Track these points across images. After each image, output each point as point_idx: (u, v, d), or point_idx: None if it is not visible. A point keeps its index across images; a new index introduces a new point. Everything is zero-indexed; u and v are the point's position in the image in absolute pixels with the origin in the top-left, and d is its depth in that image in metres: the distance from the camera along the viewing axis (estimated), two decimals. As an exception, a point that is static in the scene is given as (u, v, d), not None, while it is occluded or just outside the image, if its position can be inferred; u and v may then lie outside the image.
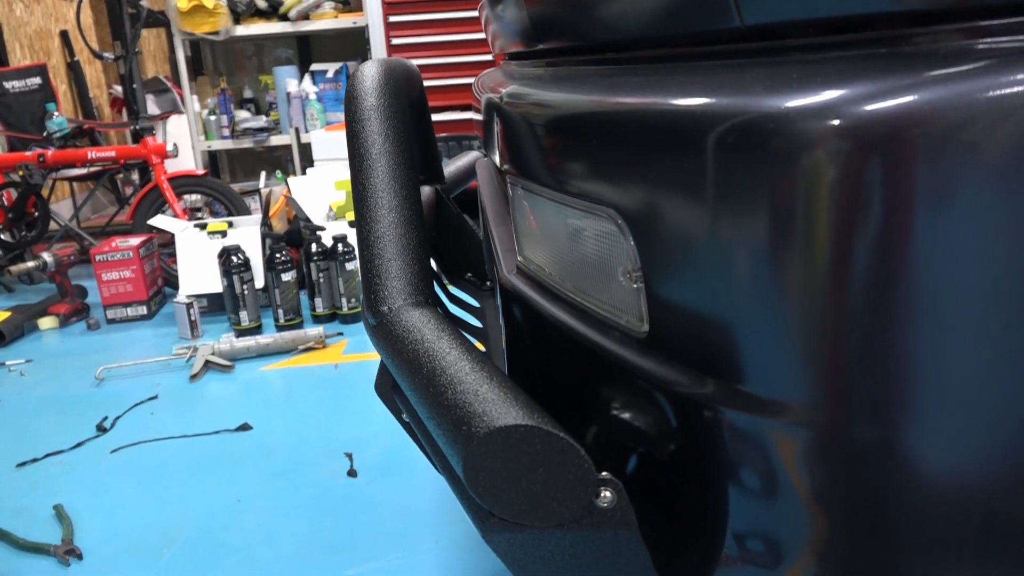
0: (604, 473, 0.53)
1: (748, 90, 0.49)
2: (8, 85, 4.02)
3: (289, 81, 4.17)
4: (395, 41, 3.88)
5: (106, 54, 3.30)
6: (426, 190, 1.49)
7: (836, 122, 0.45)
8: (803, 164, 0.46)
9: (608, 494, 0.53)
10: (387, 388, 0.86)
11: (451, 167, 1.70)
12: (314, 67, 4.27)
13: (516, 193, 0.79)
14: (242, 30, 4.07)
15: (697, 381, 0.55)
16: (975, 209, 0.44)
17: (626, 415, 0.64)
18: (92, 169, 3.59)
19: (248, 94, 4.57)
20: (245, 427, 2.05)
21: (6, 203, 3.31)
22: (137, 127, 3.31)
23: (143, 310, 3.02)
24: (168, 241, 3.27)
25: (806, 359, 0.49)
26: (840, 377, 0.48)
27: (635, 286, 0.58)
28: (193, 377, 2.41)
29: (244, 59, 5.05)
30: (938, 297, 0.46)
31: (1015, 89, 0.43)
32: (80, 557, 1.53)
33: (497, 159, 0.90)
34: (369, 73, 0.96)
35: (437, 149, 1.50)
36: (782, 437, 0.51)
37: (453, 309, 2.39)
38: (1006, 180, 0.44)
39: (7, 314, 2.96)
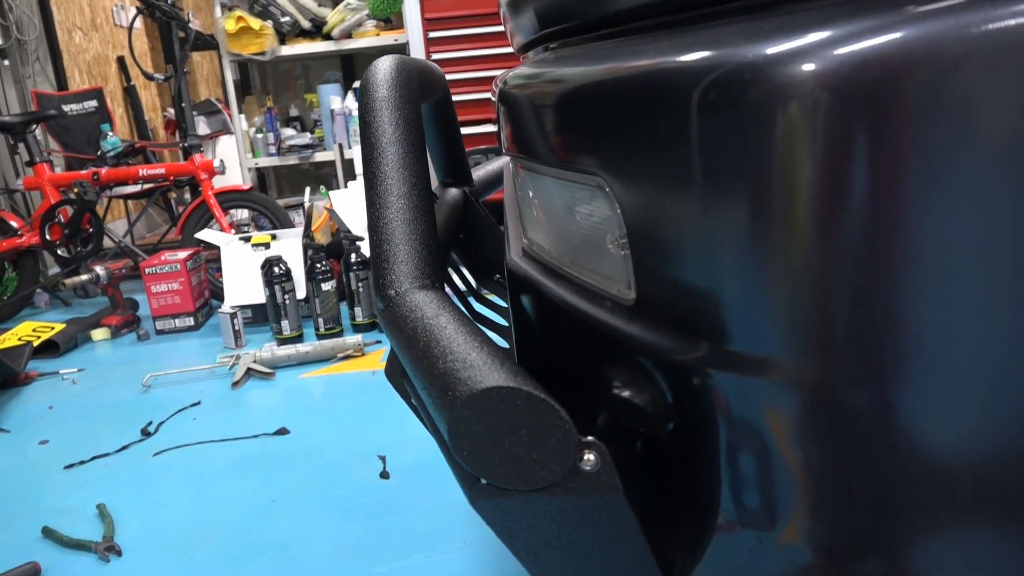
0: (588, 437, 0.53)
1: (722, 44, 0.48)
2: (67, 108, 4.19)
3: (333, 99, 4.25)
4: (435, 56, 3.93)
5: (157, 75, 3.42)
6: (454, 192, 1.50)
7: (812, 66, 0.45)
8: (781, 111, 0.46)
9: (591, 457, 0.52)
10: (397, 373, 0.87)
11: (481, 171, 1.71)
12: (357, 84, 4.35)
13: (518, 174, 0.80)
14: (287, 50, 4.17)
15: (685, 345, 0.54)
16: (958, 153, 0.43)
17: (621, 387, 0.63)
18: (145, 187, 3.71)
19: (294, 112, 4.68)
20: (283, 431, 2.09)
21: (63, 220, 3.43)
22: (186, 144, 3.41)
23: (190, 321, 3.10)
24: (216, 256, 3.36)
25: (792, 315, 0.48)
26: (826, 332, 0.47)
27: (622, 253, 0.58)
28: (235, 384, 2.46)
29: (291, 79, 5.17)
30: (925, 249, 0.45)
31: (997, 25, 0.42)
32: (119, 553, 1.57)
33: (504, 145, 0.90)
34: (382, 66, 0.98)
35: (464, 152, 1.51)
36: (771, 397, 0.50)
37: (482, 310, 2.40)
38: (995, 120, 0.43)
39: (62, 326, 3.07)
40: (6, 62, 4.53)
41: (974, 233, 0.44)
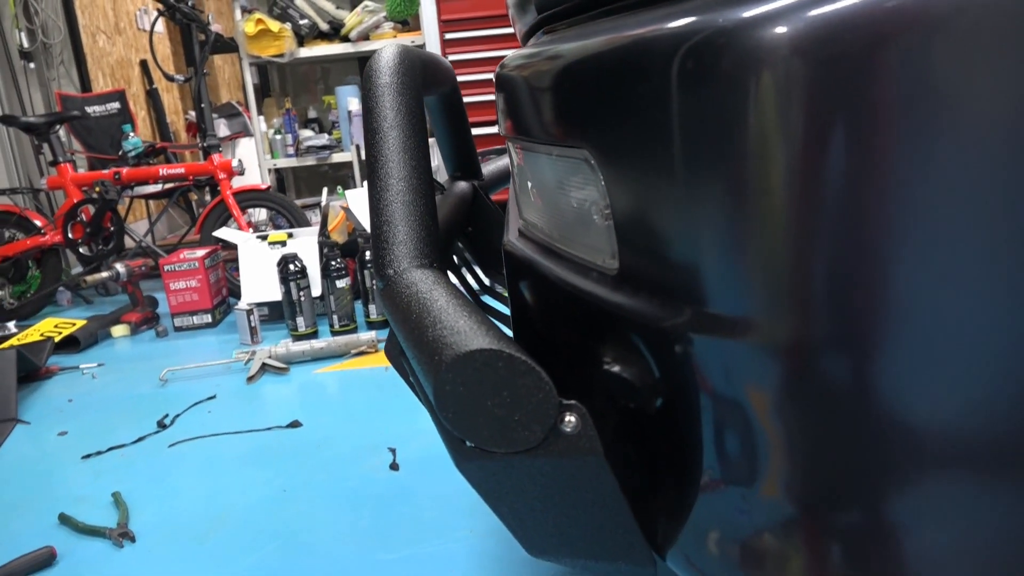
0: (570, 400, 0.54)
1: (699, 12, 0.50)
2: (90, 109, 4.26)
3: (350, 100, 4.29)
4: (452, 57, 3.96)
5: (177, 76, 3.48)
6: (462, 185, 1.52)
7: (785, 29, 0.46)
8: (755, 75, 0.47)
9: (572, 419, 0.54)
10: (395, 352, 0.88)
11: (491, 166, 1.73)
12: (374, 86, 4.39)
13: (516, 155, 0.81)
14: (306, 52, 4.22)
15: (667, 311, 0.55)
16: (935, 115, 0.44)
17: (607, 356, 0.65)
18: (166, 187, 3.77)
19: (312, 114, 4.73)
20: (295, 424, 2.11)
21: (85, 219, 3.49)
22: (205, 145, 3.46)
23: (208, 318, 3.14)
24: (234, 256, 3.40)
25: (770, 276, 0.49)
26: (804, 293, 0.49)
27: (606, 224, 0.59)
28: (250, 379, 2.49)
29: (311, 82, 5.23)
30: (902, 211, 0.46)
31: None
32: (133, 539, 1.60)
33: (502, 128, 0.92)
34: (386, 54, 1.00)
35: (474, 146, 1.53)
36: (751, 358, 0.51)
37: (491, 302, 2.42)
38: (970, 81, 0.43)
39: (83, 322, 3.12)
40: (32, 65, 4.63)
41: (953, 196, 0.45)
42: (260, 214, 4.29)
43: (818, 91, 0.46)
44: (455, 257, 1.61)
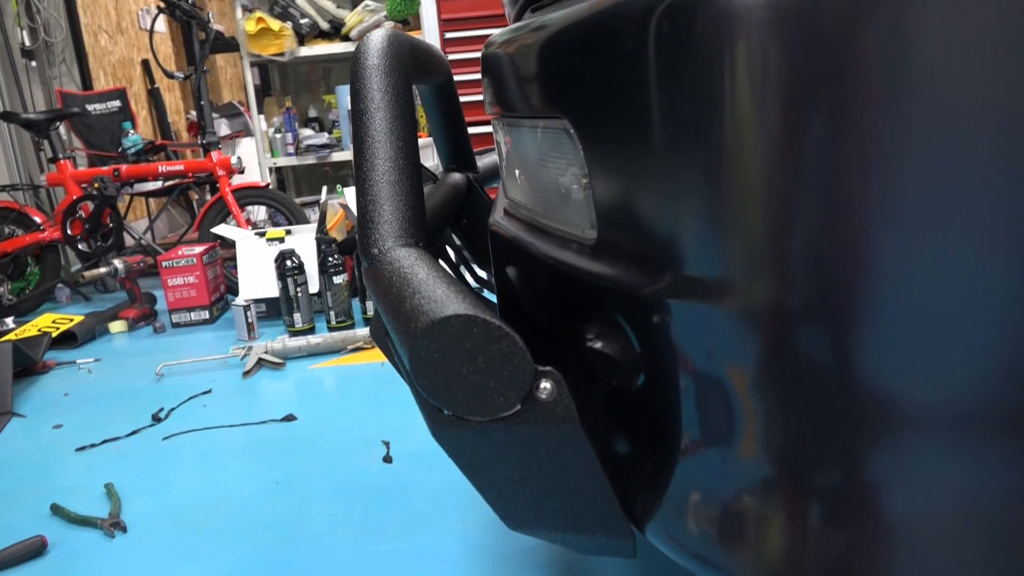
0: (545, 367, 0.54)
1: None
2: (90, 107, 4.27)
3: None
4: (452, 56, 3.97)
5: (177, 73, 3.48)
6: (457, 176, 1.52)
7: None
8: (728, 36, 0.46)
9: (547, 385, 0.53)
10: (381, 332, 0.88)
11: (487, 159, 1.72)
12: (375, 85, 4.39)
13: (497, 133, 0.81)
14: (306, 51, 4.23)
15: (644, 277, 0.55)
16: (911, 70, 0.44)
17: (587, 328, 0.64)
18: (166, 184, 3.77)
19: (313, 113, 4.73)
20: (290, 418, 2.11)
21: (84, 215, 3.49)
22: (204, 142, 3.46)
23: (205, 315, 3.14)
24: (233, 255, 3.40)
25: (747, 237, 0.49)
26: (781, 253, 0.48)
27: (584, 193, 0.59)
28: (246, 374, 2.49)
29: (313, 82, 5.24)
30: (877, 170, 0.45)
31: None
32: (124, 530, 1.59)
33: (488, 106, 0.92)
34: (375, 37, 1.00)
35: (468, 138, 1.52)
36: (729, 320, 0.51)
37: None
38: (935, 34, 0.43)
39: (81, 318, 3.12)
40: (33, 63, 4.64)
41: (934, 160, 0.44)
42: (260, 213, 4.29)
43: (795, 53, 0.45)
44: (450, 249, 1.61)
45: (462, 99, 3.87)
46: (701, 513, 0.57)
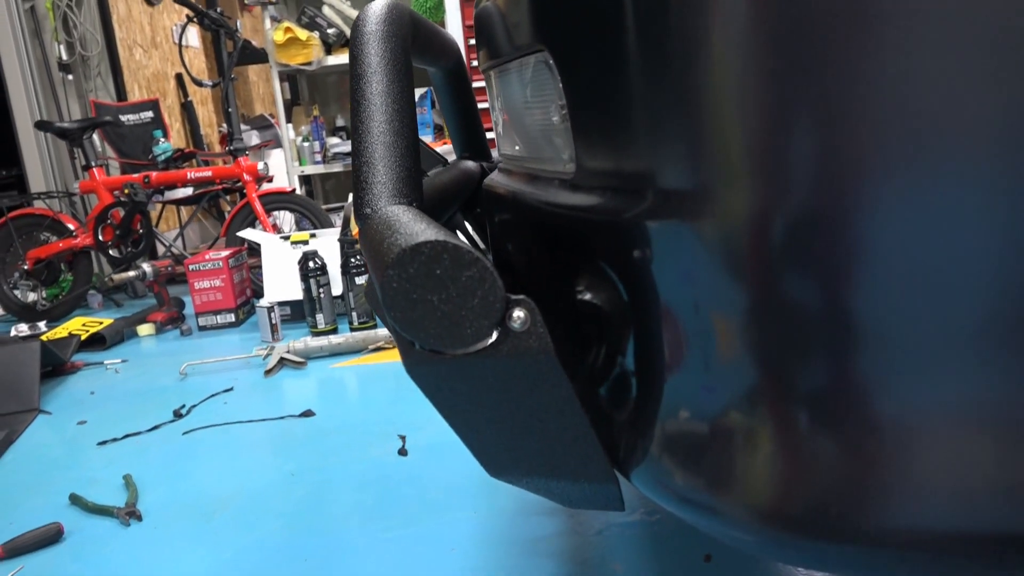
0: (518, 295, 0.52)
1: None
2: (124, 118, 4.36)
3: (377, 107, 4.33)
4: (476, 63, 3.98)
5: (206, 81, 3.54)
6: (470, 164, 1.51)
7: None
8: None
9: (520, 314, 0.52)
10: (372, 293, 0.87)
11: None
12: (401, 93, 4.43)
13: (491, 90, 0.80)
14: (333, 60, 4.27)
15: (622, 201, 0.53)
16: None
17: (574, 275, 0.63)
18: (196, 192, 3.83)
19: (340, 122, 4.78)
20: (308, 413, 2.11)
21: (114, 221, 3.56)
22: (231, 148, 3.51)
23: (231, 317, 3.17)
24: (260, 263, 3.43)
25: (725, 144, 0.47)
26: (762, 161, 0.46)
27: (563, 124, 0.57)
28: (268, 372, 2.50)
29: (340, 91, 5.30)
30: (856, 81, 0.43)
31: None
32: (140, 518, 1.60)
33: (481, 63, 0.91)
34: (374, 6, 1.00)
35: (482, 126, 1.52)
36: (710, 236, 0.49)
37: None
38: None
39: (110, 321, 3.17)
40: (70, 77, 4.75)
41: (909, 56, 0.42)
42: (287, 220, 4.33)
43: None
44: (462, 236, 1.60)
45: (482, 105, 3.87)
46: (687, 451, 0.55)
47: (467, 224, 1.55)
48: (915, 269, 0.44)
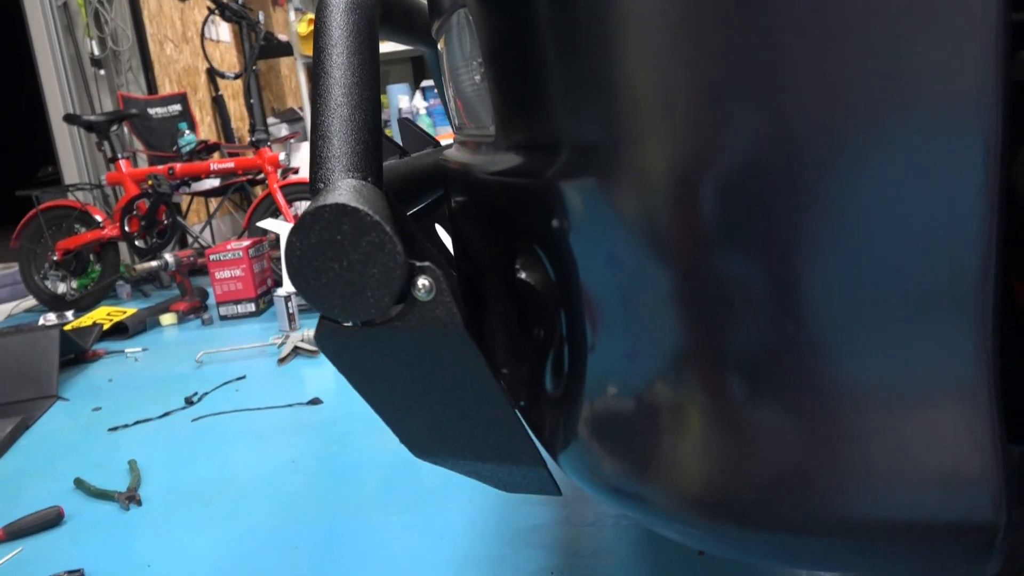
0: (424, 262, 0.49)
1: None
2: (152, 111, 4.42)
3: (401, 98, 4.33)
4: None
5: (228, 73, 3.56)
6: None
7: None
8: None
9: (425, 282, 0.49)
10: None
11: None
12: (424, 83, 4.42)
13: (441, 62, 0.77)
14: (357, 51, 4.27)
15: (539, 162, 0.50)
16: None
17: (501, 242, 0.59)
18: (224, 183, 3.86)
19: (365, 113, 4.78)
20: (315, 401, 2.10)
21: (140, 212, 3.60)
22: (253, 139, 3.53)
23: (251, 307, 3.19)
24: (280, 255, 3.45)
25: (640, 94, 0.43)
26: (676, 107, 0.43)
27: (483, 84, 0.54)
28: (281, 361, 2.50)
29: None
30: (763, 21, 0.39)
31: None
32: (139, 503, 1.60)
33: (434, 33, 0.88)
34: (341, -22, 0.97)
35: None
36: (628, 188, 0.45)
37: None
38: None
39: (134, 311, 3.21)
40: (102, 72, 4.83)
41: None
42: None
43: None
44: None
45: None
46: (613, 432, 0.51)
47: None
48: (853, 222, 0.40)
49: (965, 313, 0.39)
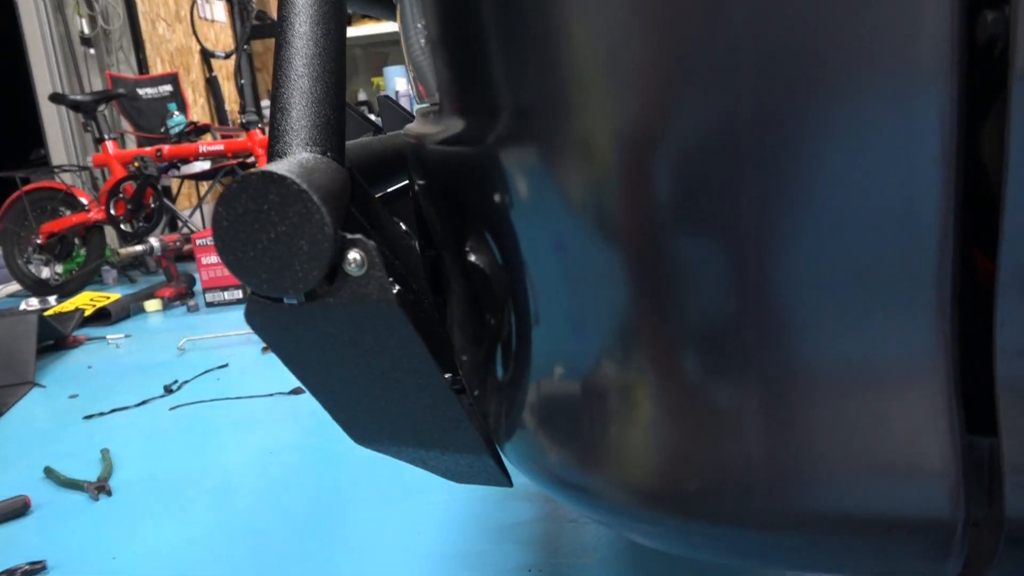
0: (356, 235, 0.47)
1: None
2: (141, 91, 4.41)
3: (398, 80, 4.31)
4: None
5: (218, 52, 3.54)
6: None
7: None
8: None
9: (357, 256, 0.47)
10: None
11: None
12: (423, 66, 4.40)
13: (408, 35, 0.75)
14: (354, 31, 4.25)
15: (476, 127, 0.48)
16: None
17: (448, 218, 0.57)
18: (214, 166, 3.85)
19: (362, 96, 4.77)
20: (297, 391, 2.09)
21: (126, 195, 3.59)
22: (244, 121, 3.51)
23: (239, 294, 3.18)
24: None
25: (581, 55, 0.41)
26: (619, 69, 0.41)
27: (427, 49, 0.52)
28: (265, 349, 2.49)
29: (371, 64, 5.28)
30: None
31: None
32: (109, 493, 1.60)
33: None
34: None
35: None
36: (566, 159, 0.44)
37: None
38: None
39: (118, 296, 3.20)
40: (92, 51, 4.81)
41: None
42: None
43: None
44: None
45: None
46: (557, 418, 0.49)
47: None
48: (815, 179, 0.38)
49: (922, 293, 0.37)
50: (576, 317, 0.47)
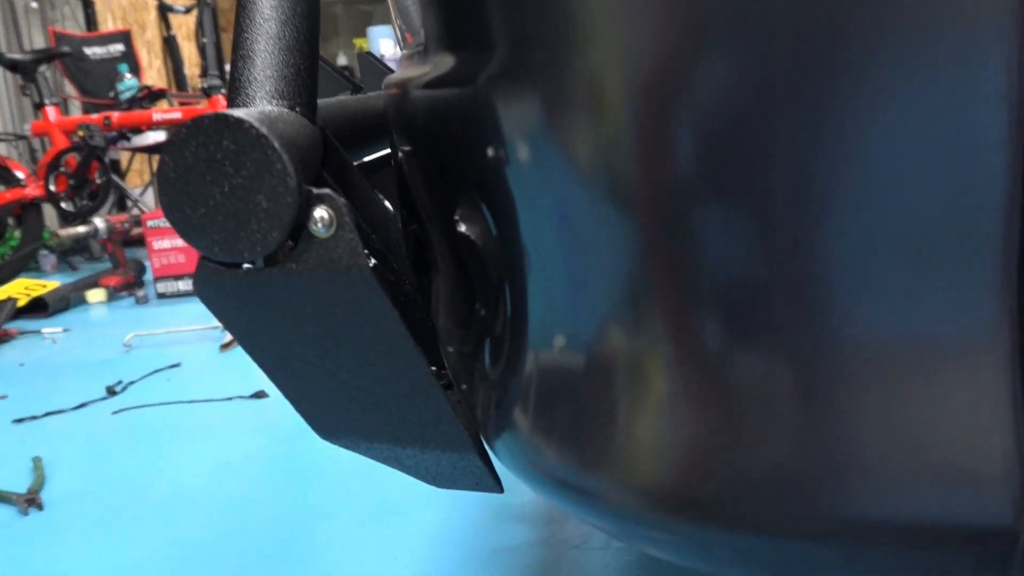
0: (323, 190, 0.47)
1: None
2: (89, 51, 4.40)
3: (383, 42, 4.31)
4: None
5: (176, 6, 3.54)
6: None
7: None
8: None
9: (323, 214, 0.46)
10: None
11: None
12: (413, 27, 4.40)
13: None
14: (333, -14, 4.25)
15: (466, 64, 0.47)
16: None
17: (434, 176, 0.57)
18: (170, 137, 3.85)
19: (342, 60, 4.77)
20: (260, 395, 2.09)
21: (69, 170, 3.58)
22: (205, 86, 3.51)
23: (195, 285, 3.17)
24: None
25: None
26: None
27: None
28: (224, 347, 2.49)
29: (349, 25, 5.29)
30: None
31: None
32: (40, 507, 1.59)
33: None
34: None
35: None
36: (567, 103, 0.43)
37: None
38: None
39: (56, 285, 3.20)
40: (34, 4, 4.82)
41: None
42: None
43: None
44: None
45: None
46: (554, 414, 0.49)
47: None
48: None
49: (984, 257, 0.36)
50: (583, 291, 0.46)
